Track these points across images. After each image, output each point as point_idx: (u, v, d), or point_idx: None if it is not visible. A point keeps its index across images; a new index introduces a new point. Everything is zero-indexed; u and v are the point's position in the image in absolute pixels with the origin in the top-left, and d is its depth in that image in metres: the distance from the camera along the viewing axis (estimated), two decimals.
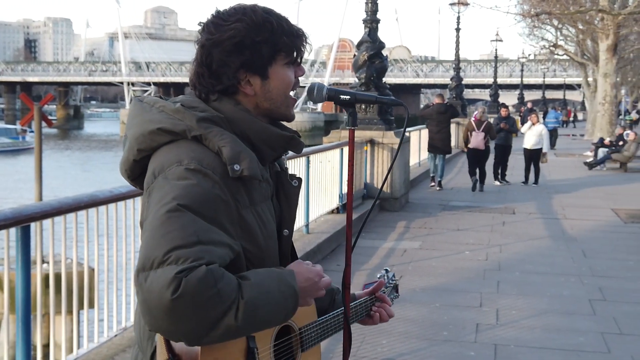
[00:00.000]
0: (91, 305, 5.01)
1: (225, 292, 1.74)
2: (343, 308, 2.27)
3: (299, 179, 2.16)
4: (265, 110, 2.07)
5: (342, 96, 2.18)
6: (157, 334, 1.85)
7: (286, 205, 2.12)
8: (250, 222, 1.95)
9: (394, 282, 2.57)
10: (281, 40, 2.03)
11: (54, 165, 45.16)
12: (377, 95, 2.24)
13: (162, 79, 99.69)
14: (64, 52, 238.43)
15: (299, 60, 2.11)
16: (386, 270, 2.56)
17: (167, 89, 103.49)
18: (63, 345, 4.54)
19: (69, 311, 4.74)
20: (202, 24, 2.05)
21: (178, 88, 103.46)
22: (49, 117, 22.81)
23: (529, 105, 39.73)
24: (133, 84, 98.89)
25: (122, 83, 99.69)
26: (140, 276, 1.74)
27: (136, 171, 2.02)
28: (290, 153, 2.18)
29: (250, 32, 1.99)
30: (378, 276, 2.53)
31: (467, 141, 17.41)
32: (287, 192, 2.13)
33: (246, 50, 1.99)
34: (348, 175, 2.20)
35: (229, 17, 2.01)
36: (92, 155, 58.13)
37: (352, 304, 2.37)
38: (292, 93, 2.14)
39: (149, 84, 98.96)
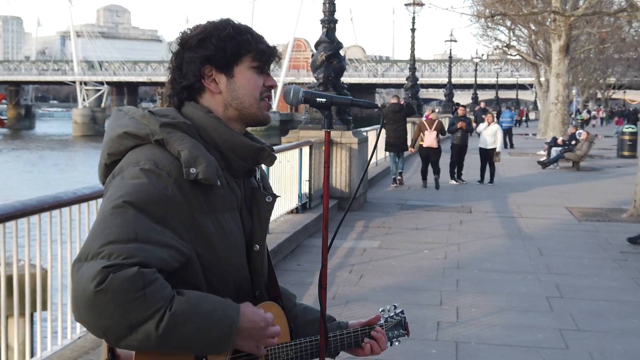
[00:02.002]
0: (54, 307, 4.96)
1: (152, 297, 1.75)
2: (325, 333, 2.28)
3: (274, 195, 2.18)
4: (235, 113, 2.10)
5: (318, 99, 2.21)
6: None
7: (257, 220, 2.13)
8: (207, 228, 1.96)
9: (400, 317, 2.55)
10: (245, 40, 2.08)
11: (4, 165, 44.44)
12: (352, 98, 2.26)
13: (115, 78, 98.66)
14: (15, 51, 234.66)
15: (267, 68, 2.15)
16: (394, 306, 2.56)
17: (121, 89, 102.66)
18: (27, 348, 4.49)
19: (32, 314, 4.68)
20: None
21: (132, 87, 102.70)
22: (1, 117, 22.48)
23: (482, 105, 40.13)
24: (86, 83, 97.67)
25: (74, 82, 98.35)
26: (75, 267, 1.78)
27: (109, 175, 2.03)
28: None
29: (215, 30, 2.06)
30: (380, 310, 2.53)
31: (415, 141, 17.89)
32: (259, 207, 2.14)
33: (211, 46, 2.05)
34: (324, 176, 2.22)
35: (200, 24, 2.11)
36: (44, 155, 57.23)
37: (339, 331, 2.38)
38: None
39: (102, 83, 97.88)
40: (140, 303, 1.73)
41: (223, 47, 2.05)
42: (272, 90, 2.20)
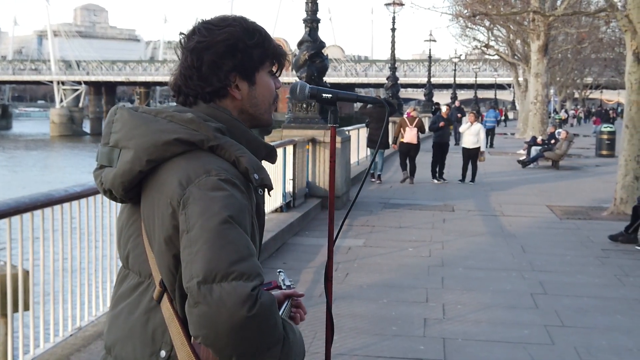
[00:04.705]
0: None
1: (279, 324, 1.81)
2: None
3: (263, 189, 2.20)
4: (249, 116, 2.11)
5: (324, 95, 2.24)
6: (181, 353, 1.86)
7: (256, 213, 2.12)
8: (254, 231, 1.99)
9: (291, 284, 2.58)
10: (271, 47, 2.09)
11: None
12: (357, 94, 2.29)
13: (93, 78, 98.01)
14: None
15: (278, 72, 2.17)
16: (281, 271, 2.56)
17: (99, 88, 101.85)
18: (20, 345, 4.49)
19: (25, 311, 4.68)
20: (186, 32, 2.09)
21: (109, 87, 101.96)
22: None
23: (457, 104, 40.32)
24: (63, 83, 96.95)
25: (51, 82, 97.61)
26: (203, 288, 1.74)
27: (134, 183, 1.97)
28: None
29: (243, 36, 2.04)
30: (281, 279, 2.50)
31: (397, 137, 18.42)
32: (257, 200, 2.12)
33: (239, 53, 2.03)
34: (330, 171, 2.25)
35: (220, 23, 2.06)
36: (21, 155, 56.80)
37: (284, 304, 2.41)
38: None
39: (79, 82, 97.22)
40: (274, 328, 1.78)
41: (251, 55, 2.05)
42: None
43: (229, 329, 1.71)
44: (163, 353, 1.91)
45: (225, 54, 2.02)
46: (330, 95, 2.23)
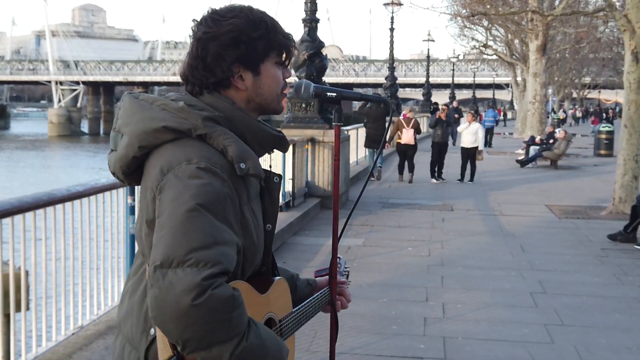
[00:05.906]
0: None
1: (236, 323, 1.79)
2: (311, 298, 2.39)
3: (279, 176, 2.21)
4: (256, 105, 2.14)
5: (328, 94, 2.26)
6: (159, 332, 1.88)
7: (269, 201, 2.16)
8: (248, 218, 2.00)
9: (347, 270, 2.64)
10: (276, 39, 2.10)
11: None
12: (361, 93, 2.32)
13: (91, 78, 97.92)
14: None
15: (287, 62, 2.18)
16: (339, 257, 2.62)
17: (97, 88, 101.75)
18: (23, 344, 4.51)
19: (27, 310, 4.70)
20: (196, 20, 2.11)
21: (108, 87, 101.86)
22: None
23: (455, 104, 40.34)
24: (61, 83, 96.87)
25: (49, 82, 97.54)
26: (158, 272, 1.76)
27: (132, 167, 2.03)
28: None
29: (247, 28, 2.06)
30: (339, 259, 2.57)
31: (392, 137, 18.88)
32: (270, 188, 2.16)
33: (242, 45, 2.05)
34: (334, 169, 2.27)
35: (227, 14, 2.07)
36: (19, 155, 56.74)
37: (317, 294, 2.45)
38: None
39: (77, 82, 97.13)
40: (226, 325, 1.76)
41: (255, 46, 2.07)
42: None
43: (174, 315, 1.73)
44: (152, 331, 1.95)
45: (229, 45, 2.04)
46: (335, 94, 2.25)
